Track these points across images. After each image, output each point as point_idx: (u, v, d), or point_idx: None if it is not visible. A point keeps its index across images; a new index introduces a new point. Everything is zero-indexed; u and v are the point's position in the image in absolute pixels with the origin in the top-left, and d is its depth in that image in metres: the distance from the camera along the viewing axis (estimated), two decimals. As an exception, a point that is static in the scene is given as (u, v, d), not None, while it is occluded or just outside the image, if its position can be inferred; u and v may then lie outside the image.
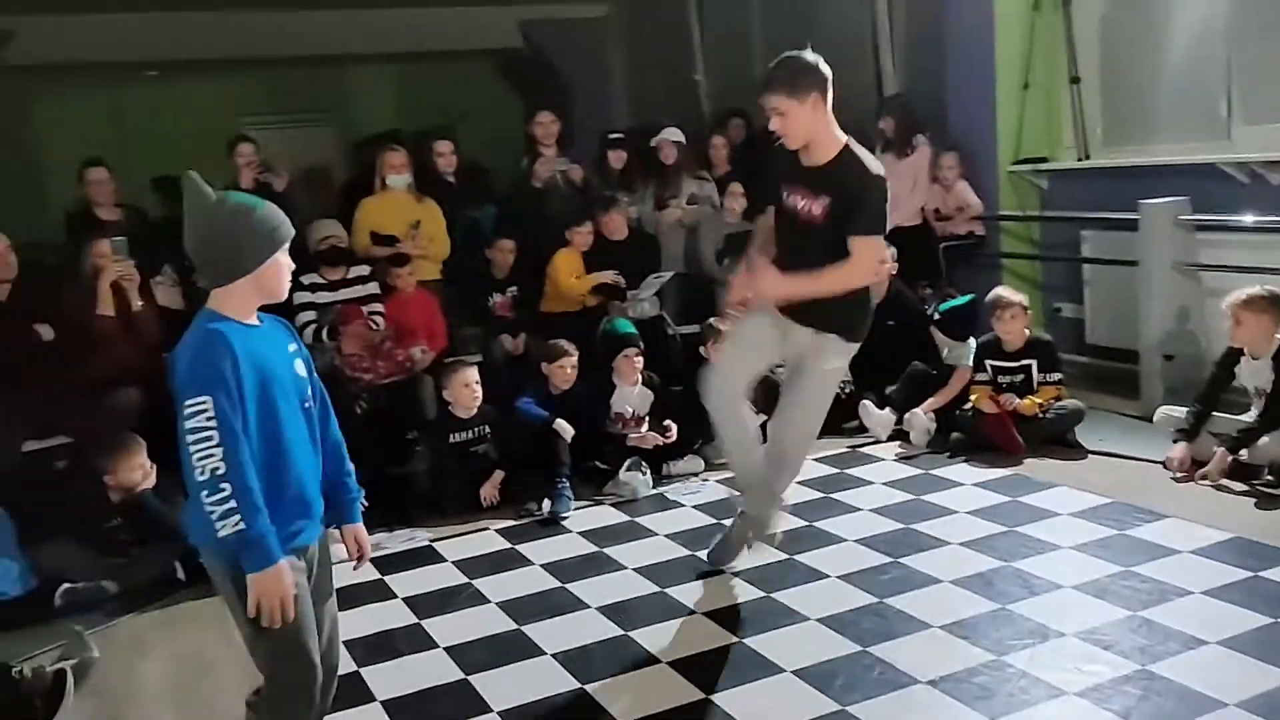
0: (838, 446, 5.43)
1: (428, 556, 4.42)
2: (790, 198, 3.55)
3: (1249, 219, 5.27)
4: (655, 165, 6.74)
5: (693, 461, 5.24)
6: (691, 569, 4.05)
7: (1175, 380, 5.37)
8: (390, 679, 3.34)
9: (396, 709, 3.16)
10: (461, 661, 3.42)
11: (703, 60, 9.16)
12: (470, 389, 4.99)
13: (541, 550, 4.38)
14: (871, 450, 5.31)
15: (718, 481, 5.06)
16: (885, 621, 3.47)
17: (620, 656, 3.38)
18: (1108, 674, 3.03)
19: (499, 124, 10.37)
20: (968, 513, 4.39)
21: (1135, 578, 3.62)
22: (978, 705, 2.93)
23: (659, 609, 3.71)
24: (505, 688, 3.22)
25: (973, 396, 5.20)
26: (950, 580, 3.74)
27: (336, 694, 3.16)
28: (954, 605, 3.54)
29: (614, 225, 6.28)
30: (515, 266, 6.19)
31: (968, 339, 5.48)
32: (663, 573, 4.03)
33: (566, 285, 6.15)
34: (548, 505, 4.76)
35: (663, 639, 3.46)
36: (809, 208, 3.49)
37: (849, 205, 3.41)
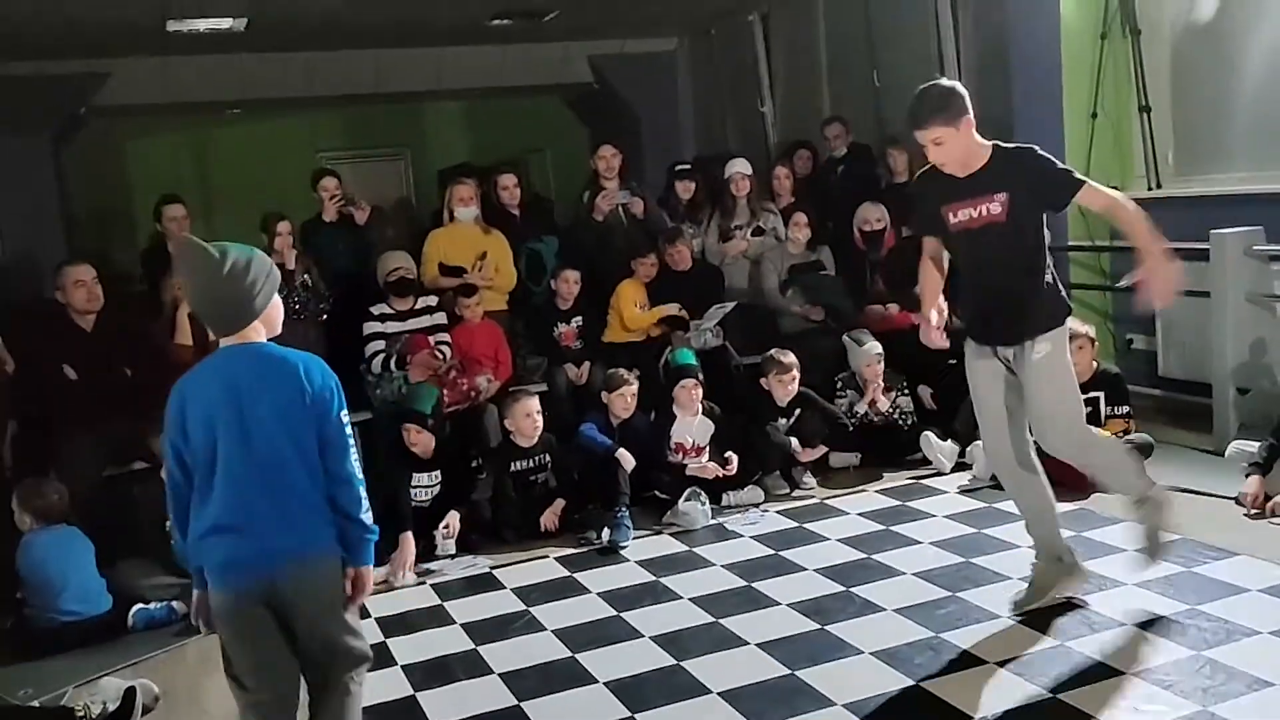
0: (899, 478, 5.39)
1: (487, 583, 4.49)
2: (959, 214, 3.56)
3: (1325, 249, 5.14)
4: (721, 196, 6.79)
5: (753, 492, 5.24)
6: (748, 600, 4.05)
7: (1249, 414, 5.22)
8: (445, 704, 3.40)
9: (450, 733, 3.22)
10: (515, 688, 3.46)
11: (769, 92, 9.21)
12: (532, 418, 5.07)
13: (599, 579, 4.42)
14: (934, 482, 5.26)
15: (778, 513, 5.06)
16: (940, 657, 3.43)
17: (672, 686, 3.39)
18: (1168, 714, 2.95)
19: (570, 157, 10.56)
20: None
21: (1201, 616, 3.53)
22: (1031, 744, 2.89)
23: (713, 639, 3.72)
24: (557, 715, 3.26)
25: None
26: (1008, 616, 3.69)
27: (390, 717, 3.25)
28: (1012, 642, 3.49)
29: (679, 256, 6.33)
30: (579, 297, 6.28)
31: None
32: (718, 603, 4.03)
33: (630, 316, 6.21)
34: (607, 534, 4.80)
35: (715, 669, 3.47)
36: (984, 210, 3.51)
37: (1037, 181, 3.50)
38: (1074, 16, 6.22)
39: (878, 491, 5.25)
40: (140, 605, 4.18)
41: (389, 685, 3.56)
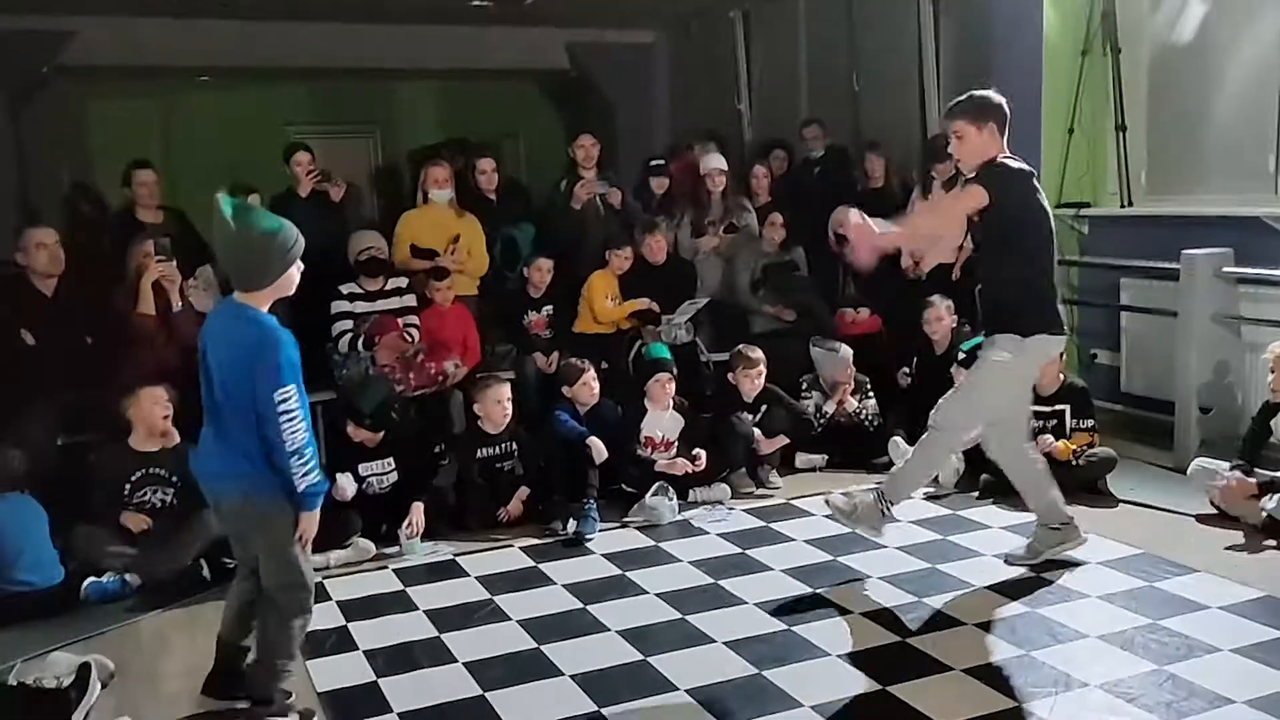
0: (866, 482, 5.39)
1: (451, 570, 4.44)
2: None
3: (1293, 274, 5.21)
4: (695, 192, 6.77)
5: (719, 489, 5.23)
6: (715, 598, 4.04)
7: (1211, 433, 5.31)
8: (408, 691, 3.35)
9: (414, 721, 3.17)
10: (480, 678, 3.42)
11: (748, 91, 9.20)
12: (502, 405, 5.02)
13: (564, 570, 4.38)
14: (899, 488, 5.27)
15: (744, 511, 5.05)
16: (907, 661, 3.44)
17: (639, 681, 3.37)
18: (1131, 727, 2.99)
19: (543, 143, 10.47)
20: (993, 555, 4.35)
21: (1163, 631, 3.57)
22: (997, 752, 2.90)
23: (680, 636, 3.70)
24: (522, 706, 3.23)
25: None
26: (974, 623, 3.70)
27: (354, 701, 3.21)
28: (977, 649, 3.51)
29: (655, 249, 6.28)
30: (552, 286, 6.22)
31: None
32: (685, 600, 4.01)
33: (601, 309, 6.16)
34: (573, 525, 4.76)
35: (682, 666, 3.45)
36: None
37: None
38: (1056, 32, 6.26)
39: (842, 494, 5.24)
40: (93, 578, 4.08)
41: (351, 669, 3.51)
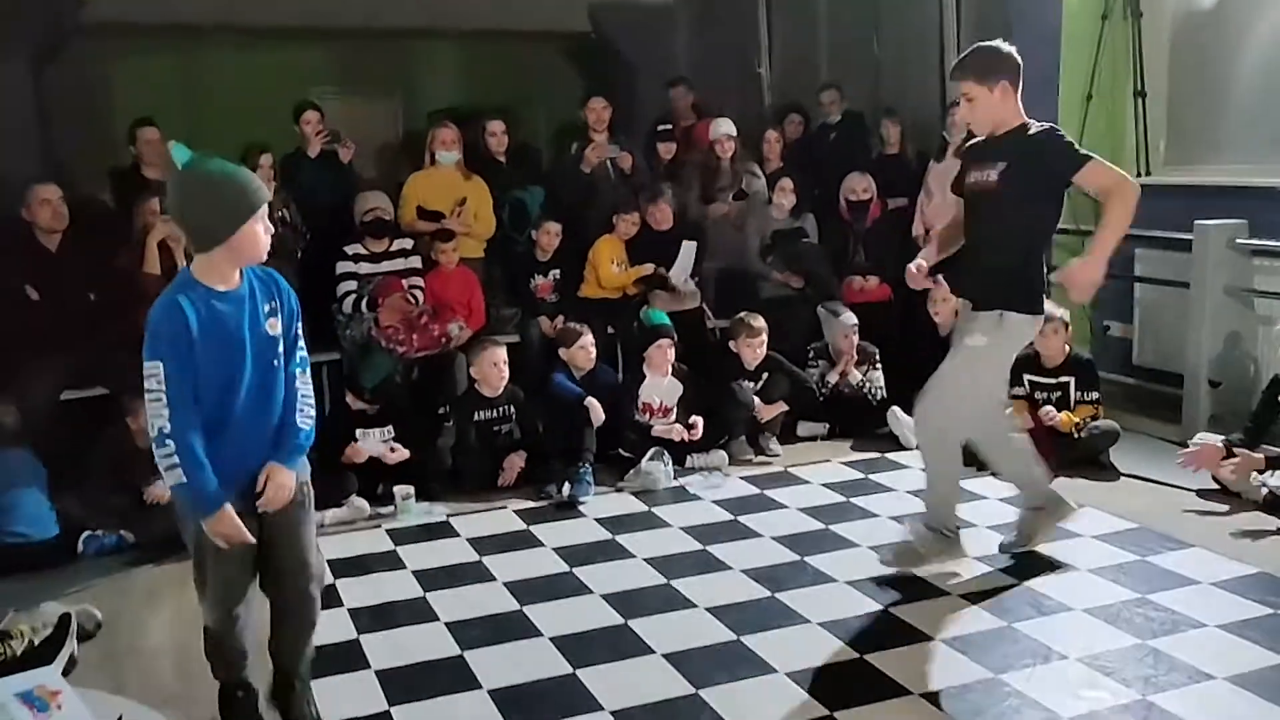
0: (867, 451, 5.38)
1: (443, 531, 4.47)
2: (970, 176, 3.65)
3: (1308, 247, 5.10)
4: (705, 158, 6.71)
5: (716, 456, 5.22)
6: (701, 563, 4.04)
7: (1220, 407, 5.22)
8: (387, 649, 3.38)
9: (388, 679, 3.19)
10: (460, 637, 3.45)
11: (768, 54, 9.08)
12: (498, 368, 5.02)
13: (555, 533, 4.40)
14: (898, 457, 5.24)
15: (741, 478, 5.04)
16: (887, 630, 3.43)
17: (616, 644, 3.38)
18: (1107, 700, 2.96)
19: (564, 107, 10.39)
20: (988, 528, 4.31)
21: (1150, 605, 3.53)
22: (967, 722, 2.88)
23: (662, 600, 3.70)
24: (498, 667, 3.24)
25: (1008, 410, 5.10)
26: (959, 594, 3.68)
27: (332, 659, 3.23)
28: (959, 619, 3.49)
29: (661, 216, 6.24)
30: (559, 250, 6.20)
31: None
32: (672, 565, 4.02)
33: (607, 274, 6.14)
34: (567, 489, 4.77)
35: (661, 631, 3.45)
36: (986, 175, 3.55)
37: (1038, 153, 3.45)
38: (1078, -5, 6.13)
39: (842, 463, 5.23)
40: (90, 532, 4.14)
41: (335, 627, 3.52)
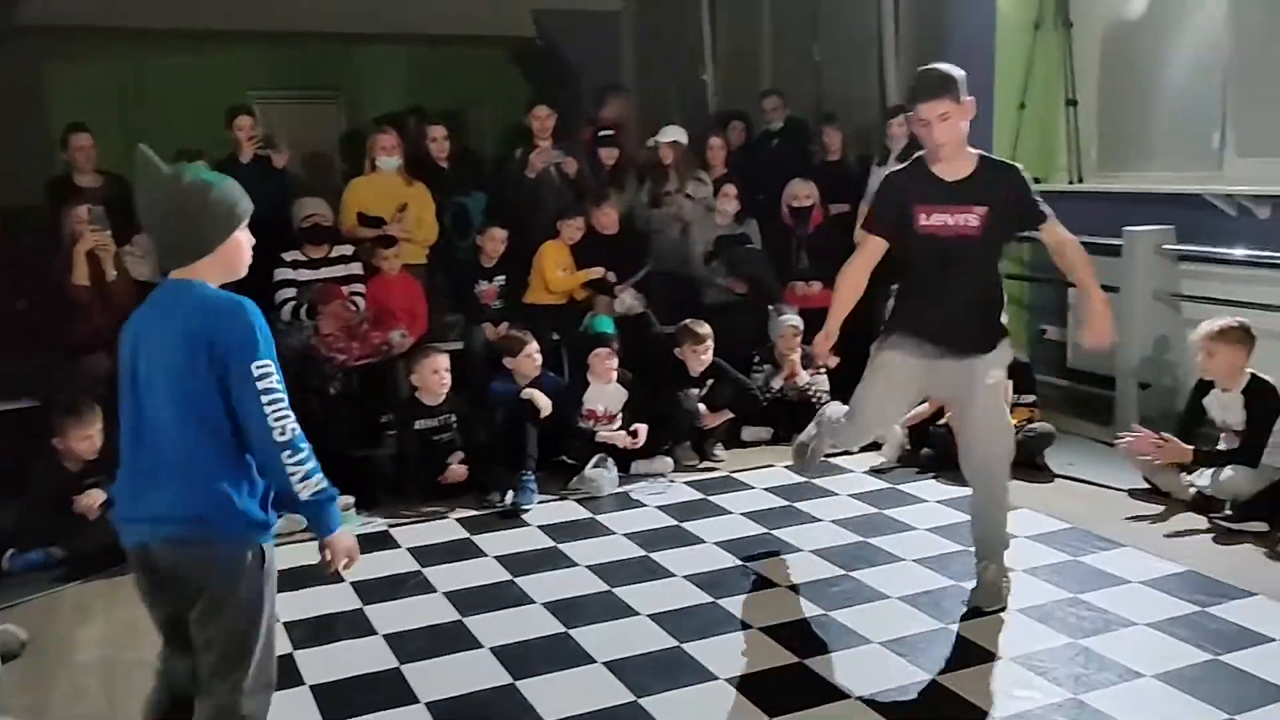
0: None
1: (383, 542, 4.43)
2: (932, 218, 3.44)
3: (1233, 252, 5.22)
4: (649, 162, 6.73)
5: (661, 462, 5.23)
6: (644, 570, 4.04)
7: (1150, 409, 5.34)
8: (323, 663, 3.34)
9: (323, 694, 3.15)
10: (398, 650, 3.42)
11: (712, 61, 9.13)
12: (439, 376, 4.99)
13: (497, 542, 4.38)
14: (842, 461, 5.28)
15: (685, 483, 5.06)
16: (827, 634, 3.47)
17: (557, 654, 3.37)
18: (1039, 699, 3.01)
19: (509, 112, 10.36)
20: (927, 529, 4.38)
21: (1082, 605, 3.60)
22: (902, 724, 2.92)
23: (604, 608, 3.71)
24: (436, 679, 3.22)
25: (947, 414, 5.17)
26: (898, 596, 3.73)
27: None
28: (897, 622, 3.53)
29: (606, 220, 6.25)
30: (505, 256, 6.18)
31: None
32: (615, 572, 4.02)
33: (552, 278, 6.13)
34: (510, 496, 4.76)
35: (603, 639, 3.46)
36: (962, 220, 3.42)
37: (1016, 203, 3.46)
38: (1011, 5, 6.24)
39: (785, 467, 5.26)
40: (13, 550, 4.04)
41: (270, 641, 3.49)
